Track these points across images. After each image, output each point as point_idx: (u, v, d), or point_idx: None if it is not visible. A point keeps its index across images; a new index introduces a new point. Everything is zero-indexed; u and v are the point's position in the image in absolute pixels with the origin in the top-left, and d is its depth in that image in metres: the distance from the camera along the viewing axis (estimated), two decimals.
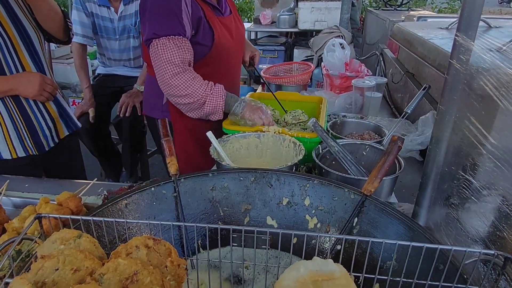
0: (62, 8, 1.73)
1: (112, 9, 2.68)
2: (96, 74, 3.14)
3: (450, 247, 0.56)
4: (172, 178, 1.01)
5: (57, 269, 0.56)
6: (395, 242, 0.59)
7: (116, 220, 0.59)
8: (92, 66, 4.46)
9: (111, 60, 2.90)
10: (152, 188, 1.00)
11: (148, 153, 3.35)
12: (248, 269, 0.86)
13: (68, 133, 1.83)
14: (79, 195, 1.05)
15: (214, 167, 1.43)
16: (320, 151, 1.42)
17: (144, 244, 0.60)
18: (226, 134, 1.51)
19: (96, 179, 1.21)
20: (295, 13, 5.08)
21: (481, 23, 0.95)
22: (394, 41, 2.32)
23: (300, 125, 1.76)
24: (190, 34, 1.56)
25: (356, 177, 1.21)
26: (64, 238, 0.61)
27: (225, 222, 1.07)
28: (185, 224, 0.63)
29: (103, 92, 2.86)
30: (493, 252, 0.54)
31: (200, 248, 1.02)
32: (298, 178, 1.07)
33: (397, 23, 2.38)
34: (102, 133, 2.89)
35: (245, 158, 1.52)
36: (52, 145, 1.75)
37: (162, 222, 0.62)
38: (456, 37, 0.81)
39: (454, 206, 0.92)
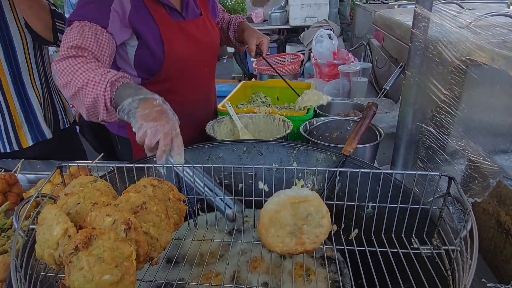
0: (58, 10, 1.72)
1: None
2: None
3: (391, 171, 0.68)
4: None
5: (79, 203, 0.67)
6: (358, 170, 0.71)
7: (126, 165, 0.71)
8: None
9: None
10: (154, 159, 1.11)
11: None
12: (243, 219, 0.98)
13: (32, 143, 1.79)
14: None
15: None
16: (308, 128, 1.54)
17: (150, 183, 0.71)
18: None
19: (102, 154, 1.32)
20: (286, 11, 5.21)
21: (454, 6, 1.08)
22: (379, 29, 2.45)
23: None
24: (119, 34, 1.27)
25: (338, 145, 1.33)
26: (82, 183, 0.72)
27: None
28: (184, 165, 0.74)
29: None
30: (438, 173, 0.65)
31: (199, 211, 1.14)
32: (285, 146, 1.19)
33: (378, 11, 2.51)
34: (103, 129, 3.00)
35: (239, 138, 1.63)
36: (8, 150, 1.75)
37: (164, 165, 0.73)
38: (415, 9, 0.93)
39: (422, 163, 1.04)
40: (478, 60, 0.71)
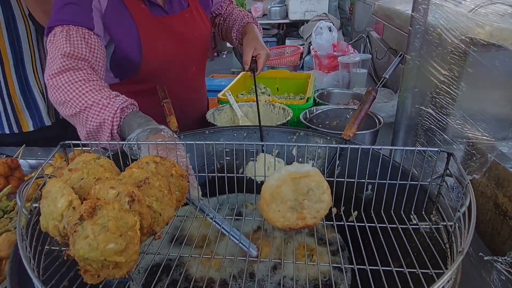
0: None
1: None
2: None
3: (391, 147, 0.68)
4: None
5: (82, 179, 0.68)
6: (358, 146, 0.72)
7: (128, 143, 0.71)
8: None
9: None
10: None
11: None
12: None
13: (33, 129, 1.80)
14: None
15: None
16: (308, 116, 1.55)
17: (152, 160, 0.72)
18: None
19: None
20: (285, 5, 5.21)
21: None
22: (379, 21, 2.45)
23: None
24: (102, 35, 1.19)
25: (338, 131, 1.34)
26: (85, 160, 0.73)
27: (221, 173, 1.19)
28: (187, 142, 0.74)
29: None
30: (437, 149, 0.66)
31: (201, 196, 1.15)
32: (285, 131, 1.19)
33: (378, 2, 2.52)
34: None
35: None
36: (8, 132, 1.76)
37: (167, 142, 0.74)
38: None
39: (422, 146, 1.05)
40: (477, 38, 0.72)
